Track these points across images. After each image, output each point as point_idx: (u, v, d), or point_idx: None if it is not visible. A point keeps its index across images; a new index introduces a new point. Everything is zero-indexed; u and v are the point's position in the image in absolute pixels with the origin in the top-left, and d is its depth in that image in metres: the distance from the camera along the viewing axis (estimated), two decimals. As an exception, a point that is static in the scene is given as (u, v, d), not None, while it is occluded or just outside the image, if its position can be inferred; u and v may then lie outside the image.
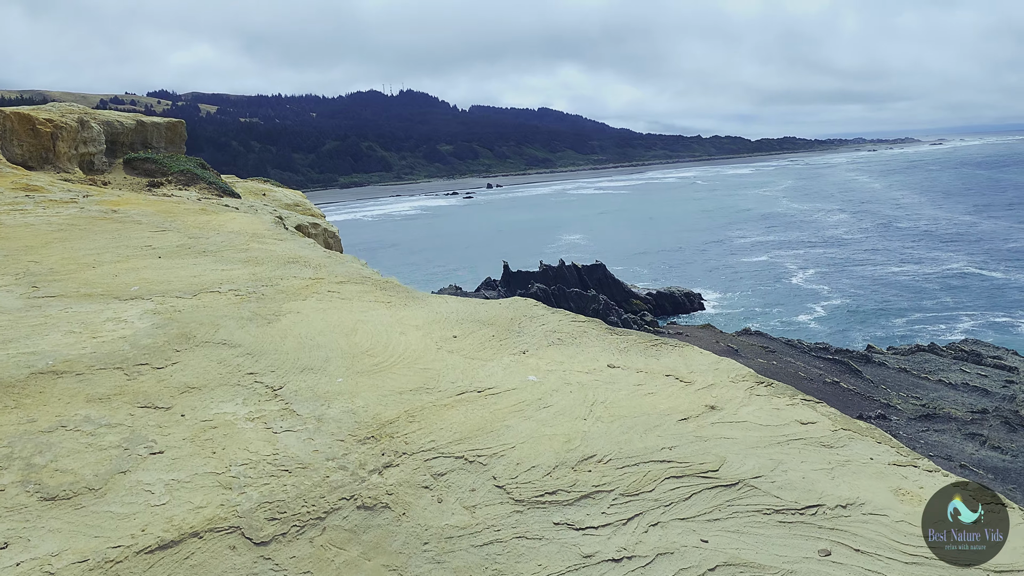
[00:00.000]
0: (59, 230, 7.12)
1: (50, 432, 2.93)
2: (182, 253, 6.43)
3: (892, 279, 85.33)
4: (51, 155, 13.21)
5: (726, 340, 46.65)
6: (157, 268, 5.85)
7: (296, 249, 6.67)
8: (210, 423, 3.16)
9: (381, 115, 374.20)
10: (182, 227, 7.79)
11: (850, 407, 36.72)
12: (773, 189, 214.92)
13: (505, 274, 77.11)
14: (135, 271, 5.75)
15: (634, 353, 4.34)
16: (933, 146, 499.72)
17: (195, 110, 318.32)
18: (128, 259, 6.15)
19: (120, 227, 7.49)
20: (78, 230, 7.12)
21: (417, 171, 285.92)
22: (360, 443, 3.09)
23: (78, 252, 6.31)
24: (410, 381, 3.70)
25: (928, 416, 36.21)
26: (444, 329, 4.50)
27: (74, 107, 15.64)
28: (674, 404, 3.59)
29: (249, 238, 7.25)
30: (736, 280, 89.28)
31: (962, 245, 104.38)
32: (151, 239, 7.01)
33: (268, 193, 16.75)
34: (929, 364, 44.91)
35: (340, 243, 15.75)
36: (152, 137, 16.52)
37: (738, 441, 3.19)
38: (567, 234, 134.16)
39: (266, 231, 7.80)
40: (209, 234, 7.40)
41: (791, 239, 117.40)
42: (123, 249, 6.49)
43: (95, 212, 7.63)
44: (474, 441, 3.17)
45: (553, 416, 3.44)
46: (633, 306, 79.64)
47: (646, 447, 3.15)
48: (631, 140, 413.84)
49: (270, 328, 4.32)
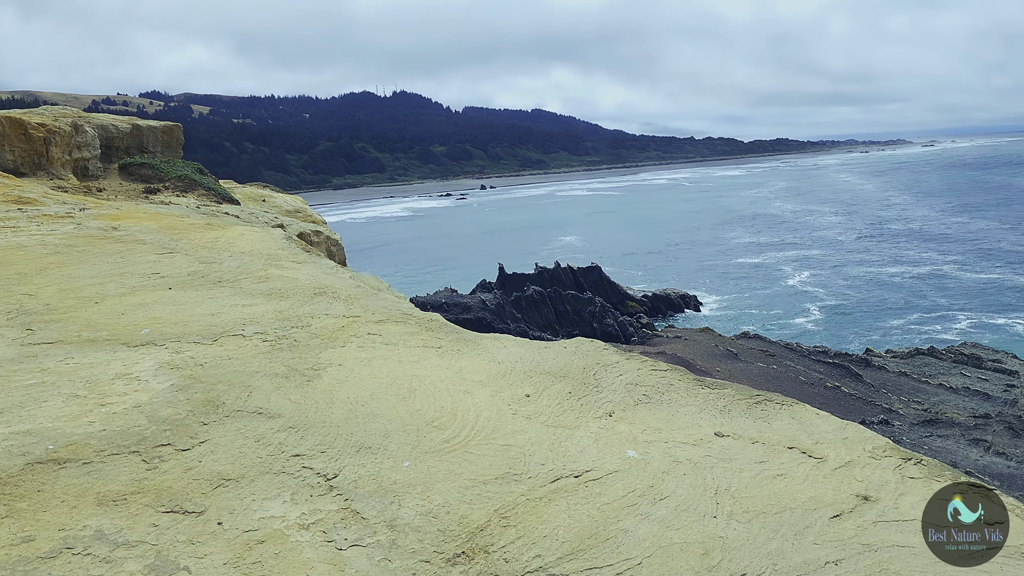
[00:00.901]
0: (55, 253, 6.42)
1: (52, 559, 2.23)
2: (194, 283, 5.75)
3: (886, 280, 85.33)
4: (44, 161, 12.45)
5: (725, 344, 46.19)
6: (168, 303, 5.23)
7: (320, 276, 5.97)
8: (255, 535, 2.46)
9: (374, 116, 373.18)
10: (189, 247, 7.08)
11: (852, 412, 36.26)
12: (766, 190, 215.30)
13: (500, 276, 76.48)
14: (144, 307, 5.11)
15: (738, 414, 3.69)
16: (925, 147, 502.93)
17: (188, 111, 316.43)
18: (134, 291, 5.48)
19: (122, 249, 6.77)
20: (76, 252, 6.49)
21: (410, 172, 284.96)
22: (450, 563, 2.41)
23: (77, 282, 5.61)
24: (492, 464, 3.02)
25: (931, 421, 35.83)
26: (513, 385, 3.82)
27: (68, 111, 14.88)
28: (816, 492, 2.94)
29: (265, 261, 6.64)
30: (731, 282, 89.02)
31: (954, 245, 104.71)
32: (158, 263, 6.32)
33: (268, 199, 16.02)
34: (929, 368, 44.60)
35: (343, 251, 15.05)
36: (148, 141, 15.77)
37: (918, 552, 2.55)
38: (562, 235, 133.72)
39: (281, 251, 7.10)
40: (220, 256, 6.71)
41: (785, 240, 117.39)
42: (128, 277, 5.85)
43: (94, 229, 6.87)
44: (590, 555, 2.50)
45: (675, 513, 2.77)
46: (629, 308, 79.23)
47: (805, 561, 2.50)
48: (624, 141, 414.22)
49: (311, 389, 3.62)
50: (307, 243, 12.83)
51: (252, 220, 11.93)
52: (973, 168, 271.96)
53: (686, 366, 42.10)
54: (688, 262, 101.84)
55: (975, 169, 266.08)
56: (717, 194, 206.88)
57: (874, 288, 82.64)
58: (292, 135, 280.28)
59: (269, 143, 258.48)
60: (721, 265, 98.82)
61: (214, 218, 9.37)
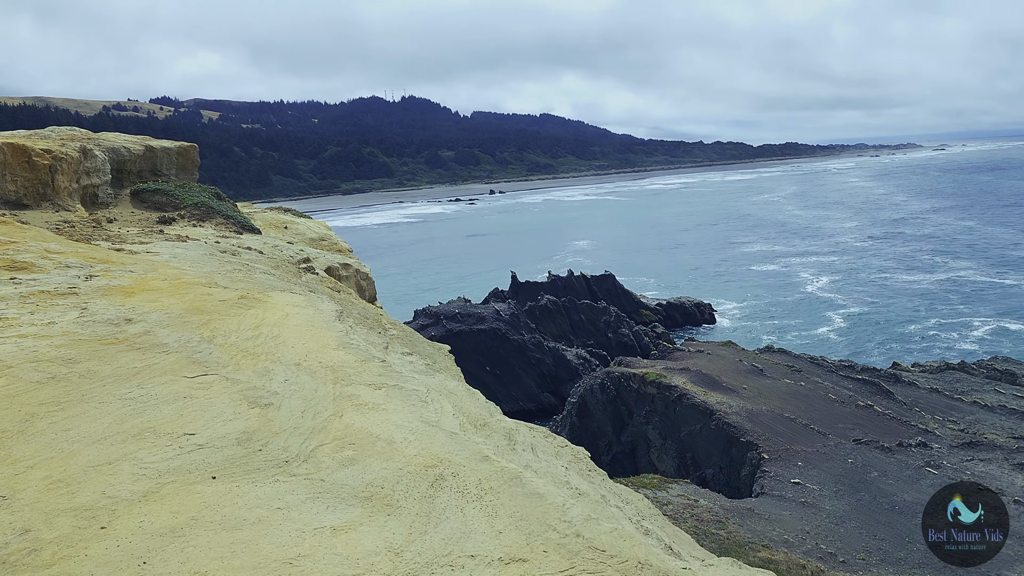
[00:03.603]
0: (49, 381, 4.67)
1: None
2: (248, 462, 4.00)
3: (905, 286, 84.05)
4: (50, 191, 11.42)
5: (749, 359, 44.95)
6: (217, 527, 3.43)
7: (423, 430, 4.50)
8: None
9: (383, 121, 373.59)
10: (227, 353, 5.57)
11: (888, 433, 34.93)
12: (777, 195, 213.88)
13: (513, 285, 75.49)
14: (178, 537, 3.35)
15: None
16: (935, 151, 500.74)
17: (197, 116, 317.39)
18: (161, 485, 3.70)
19: (139, 368, 5.15)
20: (77, 379, 4.80)
21: (419, 177, 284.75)
22: None
23: (75, 458, 3.93)
24: None
25: (971, 444, 34.45)
26: None
27: (76, 132, 13.87)
28: None
29: (334, 385, 5.12)
30: (747, 289, 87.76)
31: (971, 251, 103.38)
32: (189, 403, 4.70)
33: (290, 226, 14.96)
34: (961, 384, 43.23)
35: (373, 285, 13.97)
36: (162, 164, 14.76)
37: None
38: (573, 240, 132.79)
39: (347, 356, 5.77)
40: (272, 377, 5.25)
41: (800, 247, 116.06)
42: (148, 444, 4.11)
43: (102, 323, 5.53)
44: None
45: None
46: (643, 317, 78.17)
47: None
48: (632, 146, 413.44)
49: None
50: (336, 278, 11.73)
51: (278, 257, 10.87)
52: (987, 172, 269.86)
53: (712, 383, 40.77)
54: (701, 268, 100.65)
55: (989, 173, 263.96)
56: (727, 199, 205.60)
57: (892, 295, 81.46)
58: (301, 140, 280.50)
59: (278, 148, 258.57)
60: (736, 272, 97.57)
61: (250, 290, 8.00)
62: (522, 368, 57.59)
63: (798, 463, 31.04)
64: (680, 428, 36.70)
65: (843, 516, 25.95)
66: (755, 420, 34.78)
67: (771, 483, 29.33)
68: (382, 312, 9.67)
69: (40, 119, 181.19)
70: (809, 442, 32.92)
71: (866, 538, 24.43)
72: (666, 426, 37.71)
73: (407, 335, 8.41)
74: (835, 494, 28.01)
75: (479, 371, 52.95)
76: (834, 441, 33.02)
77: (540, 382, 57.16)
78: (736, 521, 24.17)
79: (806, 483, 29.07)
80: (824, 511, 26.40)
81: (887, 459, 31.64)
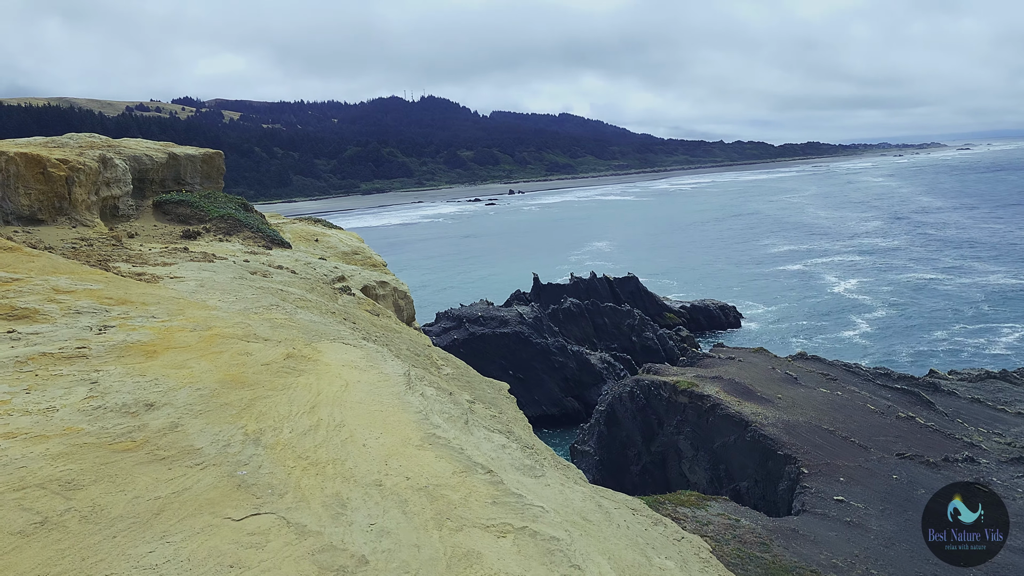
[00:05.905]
0: (34, 533, 3.14)
1: None
2: None
3: (931, 288, 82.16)
4: (66, 204, 10.58)
5: (783, 366, 43.61)
6: None
7: None
8: None
9: (402, 121, 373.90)
10: (281, 471, 4.04)
11: (932, 448, 33.48)
12: (800, 196, 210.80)
13: (535, 287, 74.50)
14: None
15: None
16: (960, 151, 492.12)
17: (219, 116, 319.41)
18: None
19: (163, 507, 3.57)
20: (72, 534, 3.23)
21: (438, 177, 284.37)
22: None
23: None
24: None
25: (1020, 459, 32.94)
26: None
27: (96, 139, 13.05)
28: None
29: (436, 524, 3.71)
30: (773, 292, 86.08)
31: (998, 253, 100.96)
32: None
33: (321, 238, 14.04)
34: (1004, 394, 41.64)
35: (412, 304, 13.01)
36: (186, 172, 13.91)
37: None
38: (593, 241, 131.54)
39: (446, 466, 4.41)
40: (347, 509, 3.78)
41: (824, 248, 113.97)
42: None
43: (114, 414, 4.17)
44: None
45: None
46: (667, 320, 76.83)
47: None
48: (652, 146, 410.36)
49: None
50: (373, 299, 10.77)
51: (312, 277, 9.94)
52: (1012, 171, 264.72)
53: (746, 393, 39.47)
54: (725, 270, 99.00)
55: (1016, 172, 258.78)
56: (749, 199, 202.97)
57: (920, 297, 79.71)
58: (321, 140, 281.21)
59: (298, 148, 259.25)
60: (760, 273, 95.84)
61: (287, 325, 6.81)
62: (546, 372, 56.56)
63: (840, 479, 29.73)
64: (713, 439, 35.49)
65: (892, 538, 24.65)
66: (792, 432, 33.49)
67: (812, 500, 28.07)
68: (428, 342, 8.69)
69: (64, 119, 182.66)
70: (850, 456, 31.58)
71: (919, 562, 23.12)
72: (698, 437, 36.50)
73: (462, 373, 7.42)
74: (882, 513, 26.70)
75: (502, 375, 51.97)
76: (877, 455, 31.65)
77: (564, 387, 56.08)
78: (780, 543, 22.98)
79: (850, 500, 27.78)
80: (872, 532, 25.12)
81: (934, 475, 30.23)
